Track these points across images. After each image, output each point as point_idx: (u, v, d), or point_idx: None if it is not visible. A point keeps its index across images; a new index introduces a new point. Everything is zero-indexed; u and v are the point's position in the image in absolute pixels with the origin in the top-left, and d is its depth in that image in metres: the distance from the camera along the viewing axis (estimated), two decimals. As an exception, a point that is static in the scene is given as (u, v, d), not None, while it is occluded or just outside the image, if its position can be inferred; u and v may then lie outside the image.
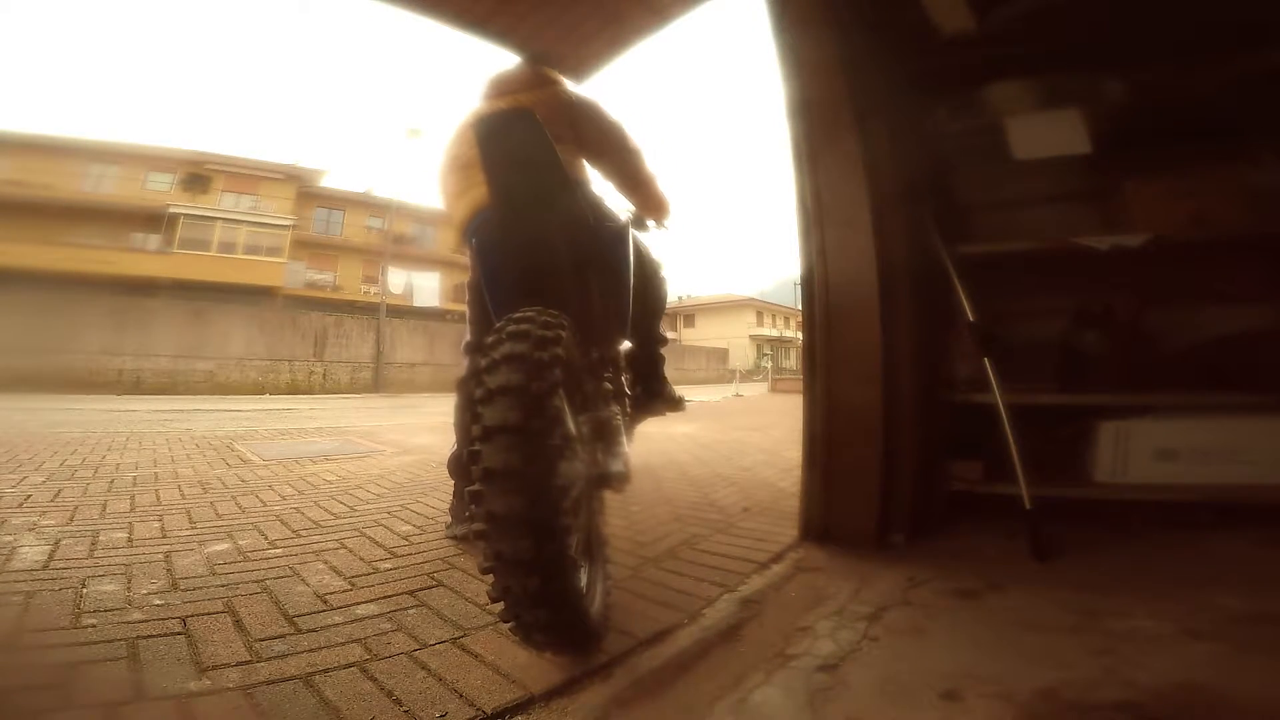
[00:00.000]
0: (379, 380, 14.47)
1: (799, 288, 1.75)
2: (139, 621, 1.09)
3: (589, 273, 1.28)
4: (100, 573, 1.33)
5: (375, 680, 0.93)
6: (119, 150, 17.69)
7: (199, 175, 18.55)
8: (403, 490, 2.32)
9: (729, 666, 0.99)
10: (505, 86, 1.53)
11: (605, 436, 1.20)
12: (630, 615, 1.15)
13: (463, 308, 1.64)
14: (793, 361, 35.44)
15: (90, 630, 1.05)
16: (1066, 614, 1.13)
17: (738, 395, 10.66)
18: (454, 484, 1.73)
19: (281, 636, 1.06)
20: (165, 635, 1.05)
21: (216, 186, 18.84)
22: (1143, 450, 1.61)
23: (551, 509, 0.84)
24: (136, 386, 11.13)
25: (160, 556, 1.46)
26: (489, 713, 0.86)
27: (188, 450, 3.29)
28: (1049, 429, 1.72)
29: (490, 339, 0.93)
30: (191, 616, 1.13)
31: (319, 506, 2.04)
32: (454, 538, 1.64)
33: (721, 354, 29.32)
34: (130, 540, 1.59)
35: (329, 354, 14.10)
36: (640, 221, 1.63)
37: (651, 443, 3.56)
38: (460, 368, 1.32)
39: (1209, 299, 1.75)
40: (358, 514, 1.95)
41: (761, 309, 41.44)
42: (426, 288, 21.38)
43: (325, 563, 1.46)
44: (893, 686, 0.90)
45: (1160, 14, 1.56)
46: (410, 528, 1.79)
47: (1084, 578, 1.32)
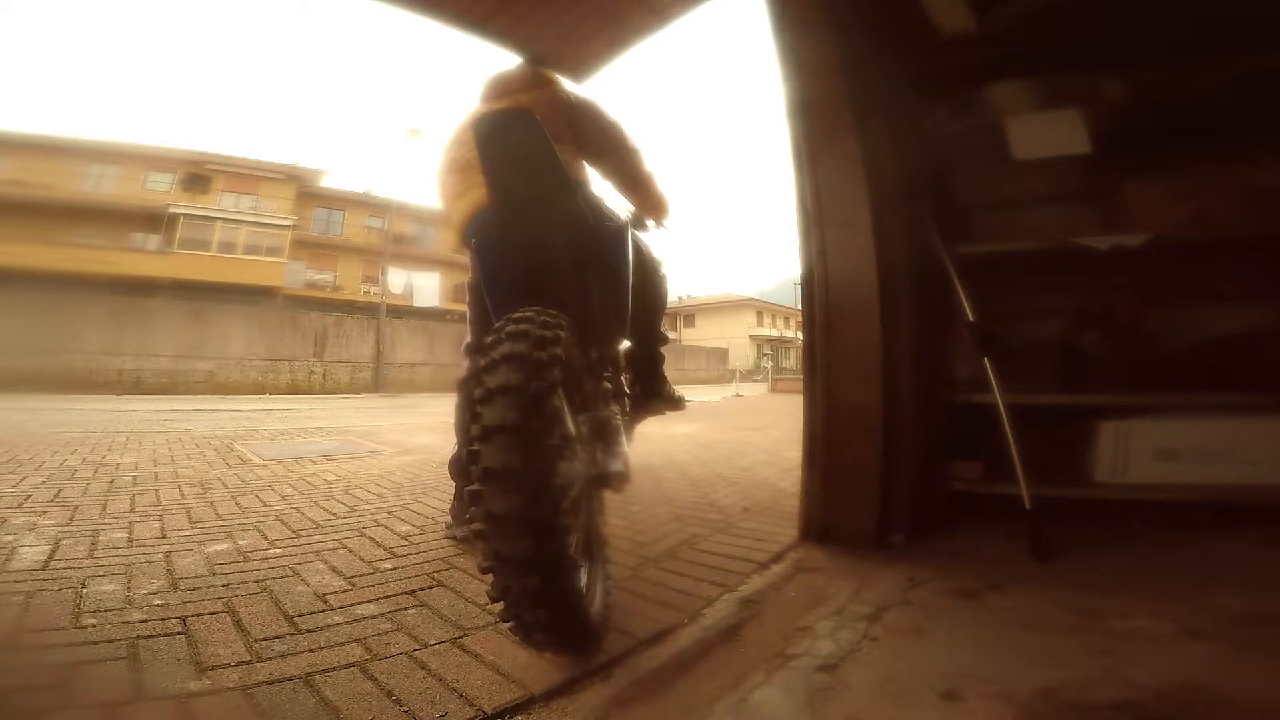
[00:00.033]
0: (379, 380, 14.48)
1: (799, 288, 1.75)
2: (139, 621, 1.09)
3: (588, 273, 1.28)
4: (100, 573, 1.33)
5: (375, 680, 0.93)
6: (119, 150, 17.70)
7: (199, 175, 18.55)
8: (403, 490, 2.33)
9: (729, 666, 0.99)
10: (504, 87, 1.53)
11: (605, 436, 1.20)
12: (630, 615, 1.15)
13: (463, 308, 1.64)
14: (793, 361, 35.44)
15: (90, 630, 1.05)
16: (1066, 614, 1.13)
17: (738, 395, 10.66)
18: (454, 485, 1.73)
19: (281, 636, 1.06)
20: (165, 635, 1.05)
21: (216, 186, 18.85)
22: (1143, 450, 1.61)
23: (551, 509, 0.84)
24: (136, 386, 11.13)
25: (160, 556, 1.46)
26: (489, 713, 0.86)
27: (188, 450, 3.29)
28: (1049, 429, 1.72)
29: (489, 339, 0.93)
30: (191, 616, 1.13)
31: (319, 506, 2.04)
32: (454, 539, 1.64)
33: (721, 354, 29.32)
34: (130, 540, 1.59)
35: (329, 354, 14.10)
36: (640, 221, 1.64)
37: (651, 443, 3.56)
38: (460, 369, 1.31)
39: (1209, 299, 1.75)
40: (358, 514, 1.95)
41: (761, 309, 41.45)
42: (426, 288, 21.38)
43: (325, 563, 1.46)
44: (893, 686, 0.90)
45: (1160, 14, 1.56)
46: (410, 528, 1.79)
47: (1084, 578, 1.32)
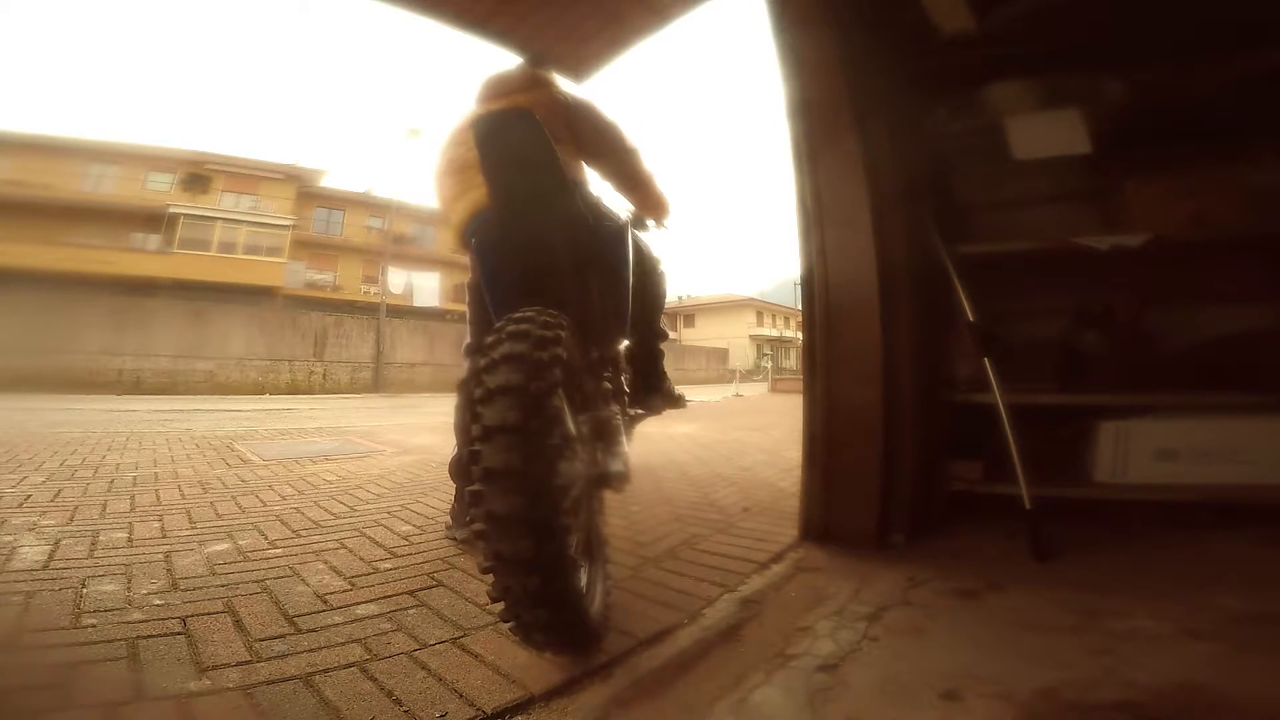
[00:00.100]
0: (379, 380, 14.48)
1: (799, 288, 1.75)
2: (139, 621, 1.09)
3: (588, 272, 1.28)
4: (100, 573, 1.33)
5: (375, 680, 0.93)
6: (119, 150, 17.70)
7: (199, 175, 18.55)
8: (403, 490, 2.32)
9: (729, 666, 0.99)
10: (501, 88, 1.53)
11: (605, 436, 1.20)
12: (630, 615, 1.15)
13: (463, 308, 1.64)
14: (793, 361, 35.44)
15: (90, 630, 1.05)
16: (1066, 614, 1.13)
17: (738, 395, 10.67)
18: (454, 486, 1.73)
19: (281, 636, 1.06)
20: (165, 635, 1.05)
21: (216, 186, 18.84)
22: (1143, 450, 1.61)
23: (551, 509, 0.84)
24: (136, 386, 11.13)
25: (160, 556, 1.46)
26: (489, 713, 0.86)
27: (188, 450, 3.29)
28: (1049, 429, 1.72)
29: (490, 339, 0.93)
30: (191, 616, 1.13)
31: (319, 506, 2.04)
32: (454, 540, 1.64)
33: (721, 354, 29.32)
34: (130, 540, 1.59)
35: (329, 354, 14.10)
36: (640, 221, 1.63)
37: (651, 443, 3.56)
38: (461, 369, 1.32)
39: (1209, 299, 1.75)
40: (358, 514, 1.95)
41: (761, 309, 41.44)
42: (426, 288, 21.38)
43: (325, 563, 1.46)
44: (893, 686, 0.90)
45: (1160, 14, 1.56)
46: (410, 528, 1.79)
47: (1084, 578, 1.32)
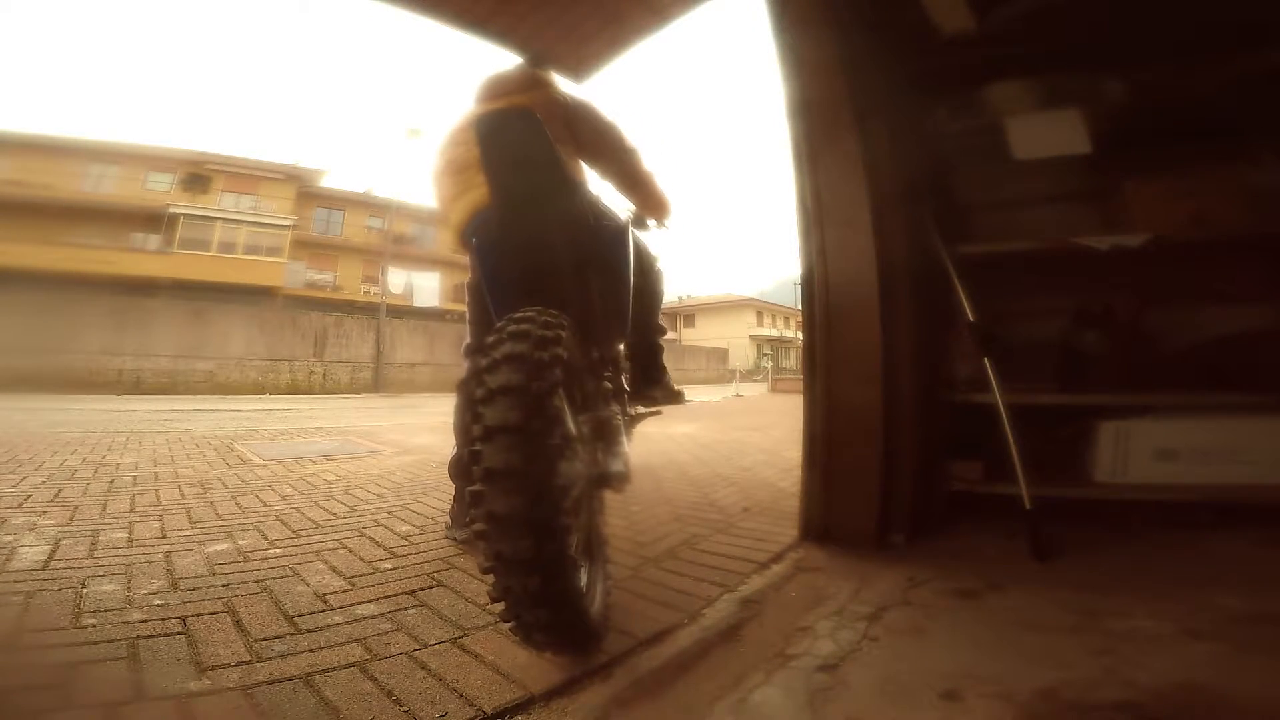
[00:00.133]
0: (379, 380, 14.48)
1: (799, 288, 1.75)
2: (139, 621, 1.09)
3: (589, 272, 1.28)
4: (100, 573, 1.33)
5: (375, 680, 0.93)
6: (119, 150, 17.70)
7: (199, 175, 18.55)
8: (403, 490, 2.32)
9: (729, 666, 0.99)
10: (500, 88, 1.53)
11: (605, 436, 1.20)
12: (630, 615, 1.15)
13: (463, 308, 1.64)
14: (793, 361, 35.44)
15: (90, 630, 1.05)
16: (1066, 614, 1.13)
17: (738, 395, 10.67)
18: (454, 487, 1.73)
19: (281, 636, 1.06)
20: (165, 635, 1.05)
21: (216, 186, 18.84)
22: (1143, 450, 1.61)
23: (552, 509, 0.84)
24: (136, 386, 11.13)
25: (160, 556, 1.46)
26: (489, 713, 0.86)
27: (188, 450, 3.29)
28: (1049, 429, 1.72)
29: (491, 339, 0.93)
30: (191, 616, 1.13)
31: (319, 506, 2.04)
32: (454, 540, 1.64)
33: (721, 354, 29.32)
34: (130, 540, 1.59)
35: (329, 354, 14.10)
36: (641, 221, 1.63)
37: (651, 443, 3.56)
38: (460, 369, 1.31)
39: (1209, 299, 1.75)
40: (358, 514, 1.95)
41: (761, 309, 41.44)
42: (426, 288, 21.38)
43: (325, 563, 1.46)
44: (893, 686, 0.90)
45: (1160, 14, 1.56)
46: (410, 528, 1.79)
47: (1084, 578, 1.32)
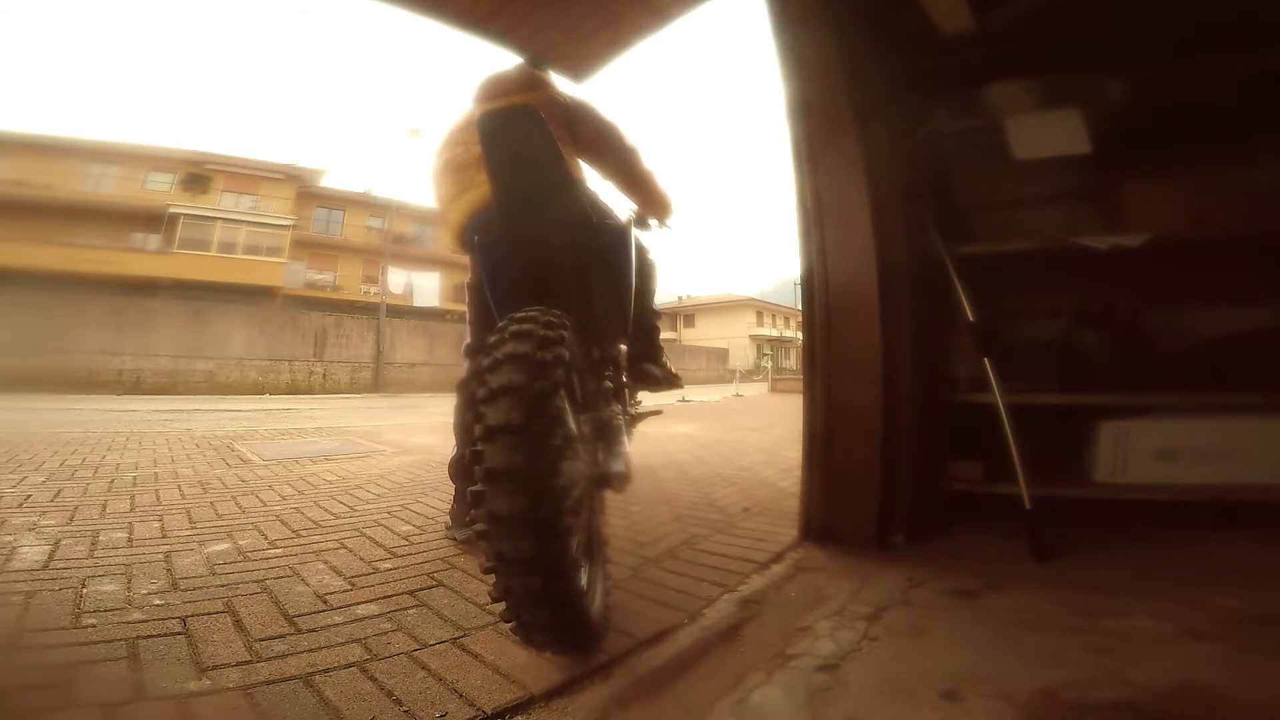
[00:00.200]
0: (379, 380, 14.48)
1: (799, 288, 1.75)
2: (139, 621, 1.09)
3: (590, 272, 1.28)
4: (100, 573, 1.33)
5: (375, 680, 0.93)
6: (119, 150, 17.70)
7: (199, 175, 18.55)
8: (403, 490, 2.32)
9: (729, 666, 0.99)
10: (499, 88, 1.53)
11: (606, 436, 1.20)
12: (630, 615, 1.15)
13: (463, 308, 1.64)
14: (793, 361, 35.44)
15: (90, 630, 1.05)
16: (1067, 614, 1.13)
17: (738, 395, 10.67)
18: (454, 487, 1.73)
19: (281, 636, 1.06)
20: (165, 635, 1.05)
21: (216, 186, 18.84)
22: (1143, 450, 1.61)
23: (554, 509, 0.84)
24: (136, 386, 11.14)
25: (160, 556, 1.46)
26: (489, 713, 0.86)
27: (188, 450, 3.29)
28: (1049, 429, 1.72)
29: (493, 338, 0.93)
30: (191, 616, 1.13)
31: (319, 506, 2.04)
32: (454, 540, 1.64)
33: (721, 354, 29.32)
34: (130, 540, 1.59)
35: (329, 354, 14.11)
36: (642, 220, 1.63)
37: (651, 443, 3.56)
38: (460, 369, 1.31)
39: (1209, 299, 1.75)
40: (358, 514, 1.95)
41: (761, 309, 41.45)
42: (426, 288, 21.37)
43: (325, 563, 1.46)
44: (893, 686, 0.90)
45: (1160, 14, 1.57)
46: (410, 528, 1.79)
47: (1084, 578, 1.32)
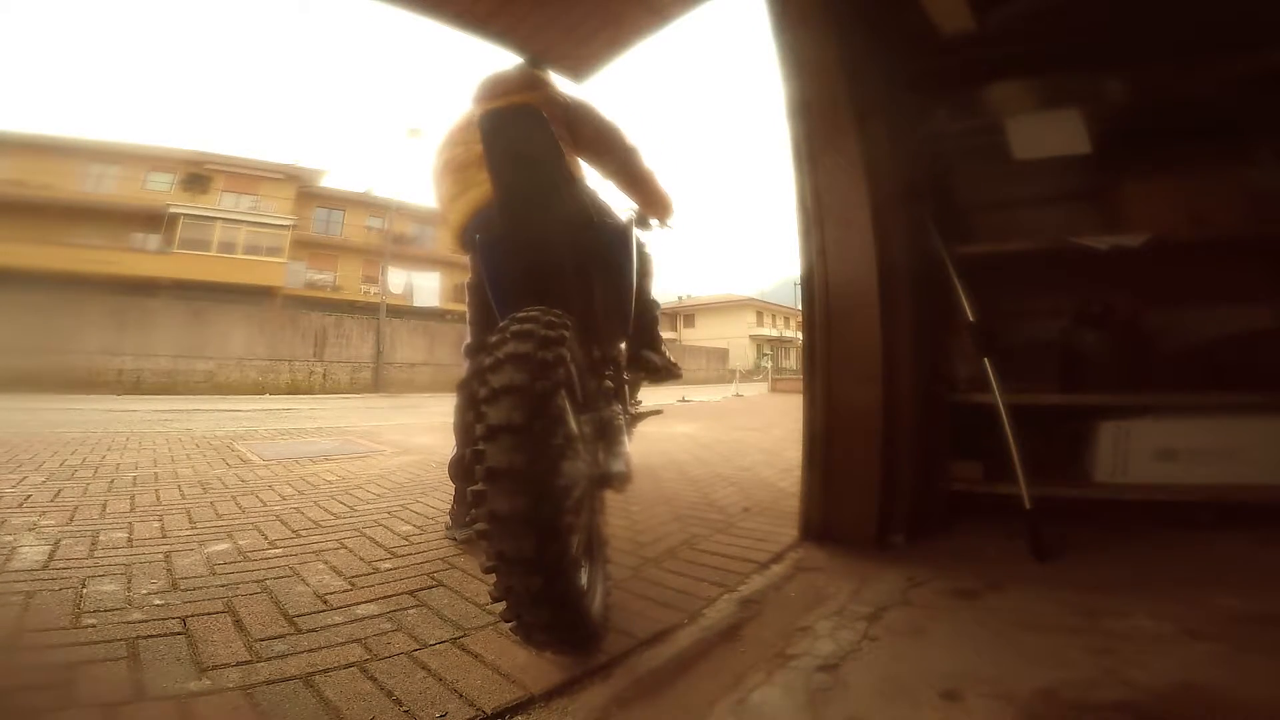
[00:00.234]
0: (379, 380, 14.48)
1: (799, 288, 1.75)
2: (139, 621, 1.09)
3: (591, 271, 1.28)
4: (100, 573, 1.33)
5: (375, 680, 0.93)
6: (119, 150, 17.70)
7: (199, 175, 18.55)
8: (403, 490, 2.32)
9: (729, 666, 0.99)
10: (499, 88, 1.53)
11: (607, 436, 1.20)
12: (630, 615, 1.15)
13: (462, 308, 1.64)
14: (793, 361, 35.45)
15: (90, 630, 1.05)
16: (1066, 614, 1.13)
17: (738, 395, 10.67)
18: (454, 487, 1.73)
19: (281, 636, 1.06)
20: (165, 635, 1.05)
21: (216, 186, 18.84)
22: (1143, 450, 1.61)
23: (555, 509, 0.84)
24: (136, 386, 11.14)
25: (160, 556, 1.46)
26: (489, 713, 0.86)
27: (188, 450, 3.28)
28: (1049, 429, 1.72)
29: (494, 338, 0.93)
30: (191, 616, 1.13)
31: (319, 506, 2.04)
32: (454, 540, 1.64)
33: (721, 354, 29.33)
34: (130, 540, 1.59)
35: (329, 354, 14.11)
36: (643, 220, 1.63)
37: (651, 443, 3.56)
38: (461, 369, 1.31)
39: (1209, 299, 1.75)
40: (358, 514, 1.95)
41: (761, 309, 41.45)
42: (426, 288, 21.38)
43: (325, 563, 1.46)
44: (893, 686, 0.90)
45: (1160, 14, 1.57)
46: (410, 528, 1.79)
47: (1084, 578, 1.32)
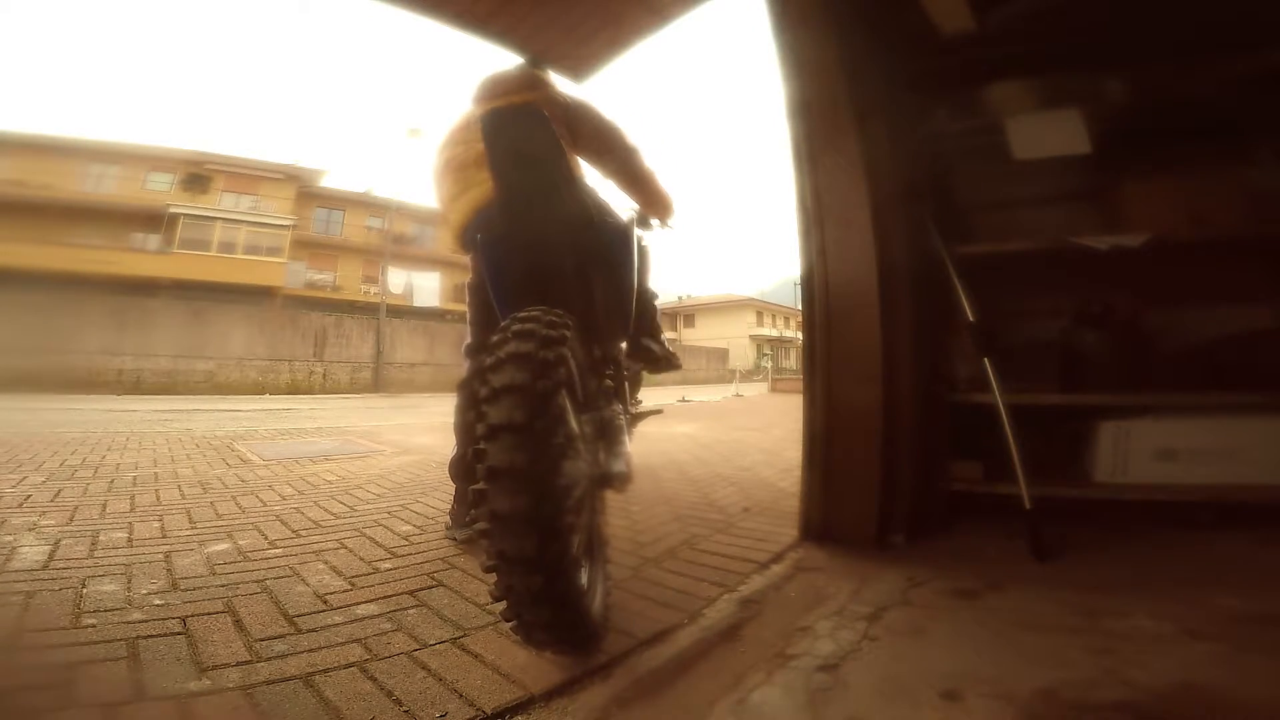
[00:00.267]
0: (379, 380, 14.48)
1: (799, 288, 1.75)
2: (139, 621, 1.09)
3: (592, 271, 1.28)
4: (100, 573, 1.33)
5: (375, 680, 0.93)
6: (119, 150, 17.69)
7: (199, 175, 18.55)
8: (403, 490, 2.32)
9: (729, 666, 0.99)
10: (499, 88, 1.53)
11: (607, 436, 1.20)
12: (630, 615, 1.15)
13: (463, 308, 1.64)
14: (793, 361, 35.45)
15: (90, 630, 1.05)
16: (1066, 614, 1.13)
17: (738, 395, 10.67)
18: (454, 487, 1.73)
19: (281, 636, 1.06)
20: (165, 635, 1.05)
21: (216, 186, 18.84)
22: (1143, 450, 1.61)
23: (555, 508, 0.84)
24: (136, 386, 11.14)
25: (160, 556, 1.46)
26: (489, 713, 0.86)
27: (188, 450, 3.28)
28: (1049, 429, 1.72)
29: (495, 338, 0.93)
30: (191, 616, 1.13)
31: (319, 506, 2.04)
32: (454, 540, 1.64)
33: (721, 354, 29.32)
34: (130, 540, 1.59)
35: (329, 354, 14.11)
36: (644, 220, 1.63)
37: (651, 443, 3.56)
38: (461, 369, 1.31)
39: (1209, 299, 1.75)
40: (358, 514, 1.95)
41: (761, 309, 41.45)
42: (426, 288, 21.37)
43: (325, 563, 1.46)
44: (893, 686, 0.90)
45: (1160, 14, 1.57)
46: (410, 528, 1.79)
47: (1084, 578, 1.32)
